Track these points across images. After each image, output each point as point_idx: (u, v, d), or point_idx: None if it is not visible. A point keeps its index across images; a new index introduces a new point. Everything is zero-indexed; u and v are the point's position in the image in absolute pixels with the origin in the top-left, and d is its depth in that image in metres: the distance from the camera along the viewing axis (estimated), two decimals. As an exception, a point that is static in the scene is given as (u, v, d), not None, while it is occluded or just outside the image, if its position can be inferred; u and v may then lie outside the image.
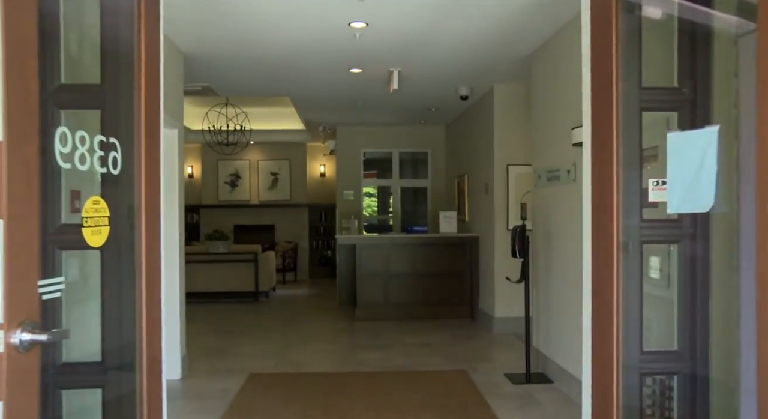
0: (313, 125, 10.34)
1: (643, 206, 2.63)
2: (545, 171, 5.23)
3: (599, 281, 2.51)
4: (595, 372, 2.56)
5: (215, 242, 9.62)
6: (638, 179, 2.56)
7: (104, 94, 2.37)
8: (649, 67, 2.70)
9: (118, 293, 2.40)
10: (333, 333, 7.21)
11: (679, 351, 2.57)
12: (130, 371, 2.44)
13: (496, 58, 5.70)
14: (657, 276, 3.36)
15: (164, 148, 5.10)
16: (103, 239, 2.07)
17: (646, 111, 2.57)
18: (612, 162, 2.44)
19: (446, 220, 8.19)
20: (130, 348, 2.45)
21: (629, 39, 2.52)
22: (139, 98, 2.29)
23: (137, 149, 2.31)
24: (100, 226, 2.06)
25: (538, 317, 5.47)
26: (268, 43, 5.15)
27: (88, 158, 1.99)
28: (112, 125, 2.32)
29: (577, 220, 4.53)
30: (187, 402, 4.55)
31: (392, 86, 6.21)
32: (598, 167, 2.55)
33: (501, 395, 4.65)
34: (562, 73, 4.81)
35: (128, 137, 2.33)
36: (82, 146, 1.96)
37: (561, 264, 4.93)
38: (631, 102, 2.50)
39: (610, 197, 2.45)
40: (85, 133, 1.97)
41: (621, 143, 2.43)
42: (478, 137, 7.84)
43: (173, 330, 5.09)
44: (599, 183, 2.51)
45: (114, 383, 2.47)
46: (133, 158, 2.31)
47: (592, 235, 2.62)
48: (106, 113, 2.33)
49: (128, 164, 2.30)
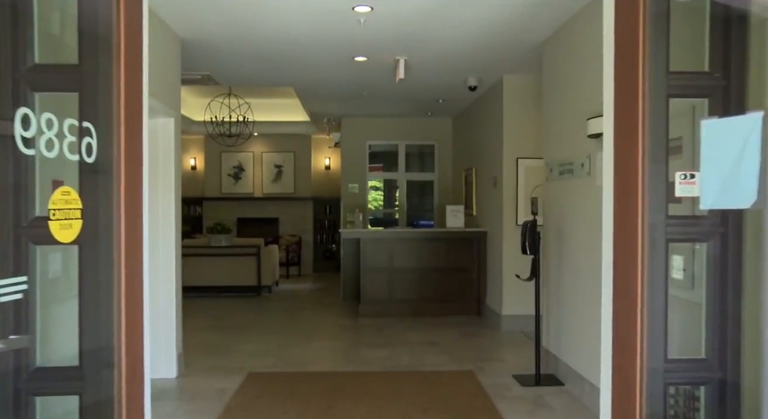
0: (317, 116, 10.13)
1: (668, 202, 2.41)
2: (557, 164, 5.00)
3: (622, 281, 2.30)
4: (617, 379, 2.35)
5: (217, 235, 9.46)
6: (664, 172, 2.35)
7: (82, 76, 2.16)
8: (676, 50, 2.48)
9: (95, 292, 2.21)
10: (335, 329, 7.02)
11: (707, 359, 2.35)
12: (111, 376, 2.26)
13: (506, 46, 5.47)
14: (680, 277, 3.14)
15: (161, 138, 4.91)
16: (74, 234, 1.88)
17: (674, 98, 2.35)
18: (637, 153, 2.22)
19: (453, 214, 7.97)
20: (110, 352, 2.26)
21: (656, 19, 2.30)
22: (118, 79, 2.09)
23: (116, 135, 2.11)
24: (71, 219, 1.87)
25: (548, 316, 5.25)
26: (269, 28, 4.94)
27: (57, 143, 1.79)
28: (90, 109, 2.12)
29: (592, 215, 4.31)
30: (181, 402, 4.37)
31: (398, 75, 5.99)
32: (621, 159, 2.34)
33: (510, 398, 4.45)
34: (576, 61, 4.58)
35: (108, 122, 2.13)
36: (49, 130, 1.76)
37: (573, 262, 4.71)
38: (657, 88, 2.28)
39: (635, 191, 2.23)
40: (53, 115, 1.77)
41: (647, 133, 2.21)
42: (486, 129, 7.61)
43: (169, 327, 4.91)
44: (623, 177, 2.29)
45: (92, 389, 2.27)
46: (112, 145, 2.11)
47: (614, 232, 2.40)
48: (84, 96, 2.13)
49: (106, 151, 2.10)
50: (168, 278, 4.90)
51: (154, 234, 4.86)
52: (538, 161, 6.56)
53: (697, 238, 2.44)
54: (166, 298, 4.90)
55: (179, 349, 5.06)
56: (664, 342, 2.31)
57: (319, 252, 12.79)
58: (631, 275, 2.28)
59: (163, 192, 4.87)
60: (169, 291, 4.91)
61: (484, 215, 7.72)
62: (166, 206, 4.89)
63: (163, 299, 4.89)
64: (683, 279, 3.19)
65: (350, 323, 7.34)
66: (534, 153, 6.67)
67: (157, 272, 4.87)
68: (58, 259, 2.54)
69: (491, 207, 7.33)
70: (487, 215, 7.60)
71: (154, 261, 4.86)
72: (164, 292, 4.89)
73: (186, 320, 5.36)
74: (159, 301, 4.88)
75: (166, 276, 4.90)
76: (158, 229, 4.87)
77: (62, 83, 2.17)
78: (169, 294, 4.91)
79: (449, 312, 7.62)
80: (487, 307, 7.46)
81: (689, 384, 2.44)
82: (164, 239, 4.88)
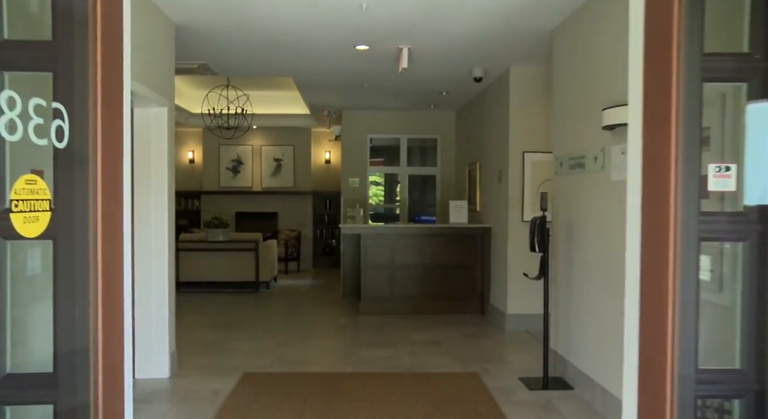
0: (317, 108, 9.91)
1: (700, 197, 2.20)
2: (568, 158, 4.79)
3: (651, 283, 2.09)
4: (643, 391, 2.15)
5: (214, 229, 9.25)
6: (698, 164, 2.14)
7: (57, 53, 1.95)
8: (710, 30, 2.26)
9: (70, 292, 2.00)
10: (335, 327, 6.81)
11: (742, 369, 2.14)
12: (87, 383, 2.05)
13: (514, 33, 5.24)
14: (707, 278, 2.93)
15: (153, 128, 4.69)
16: (40, 228, 1.67)
17: (708, 82, 2.14)
18: (670, 144, 2.01)
19: (456, 210, 7.76)
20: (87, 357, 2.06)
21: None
22: (94, 54, 1.88)
23: (92, 118, 1.90)
24: (37, 211, 1.66)
25: (556, 316, 5.05)
26: (267, 13, 4.72)
27: (20, 125, 1.58)
28: (65, 89, 1.91)
29: (604, 212, 4.09)
30: (172, 404, 4.17)
31: (402, 65, 5.76)
32: (651, 151, 2.12)
33: (517, 402, 4.25)
34: (591, 47, 4.36)
35: (83, 105, 1.92)
36: (11, 110, 1.55)
37: (583, 260, 4.50)
38: (691, 71, 2.07)
39: (667, 185, 2.01)
40: (14, 93, 1.56)
41: (681, 121, 2.00)
42: (491, 122, 7.39)
43: (161, 325, 4.70)
44: (652, 170, 2.08)
45: (67, 397, 2.07)
46: (87, 130, 1.90)
47: (642, 230, 2.19)
48: (59, 75, 1.92)
49: (81, 137, 1.89)
50: (160, 274, 4.69)
51: (146, 228, 4.65)
52: (545, 155, 6.35)
53: (731, 237, 2.22)
54: (159, 295, 4.69)
55: (172, 348, 4.85)
56: (695, 350, 2.11)
57: (318, 248, 12.59)
58: (662, 277, 2.07)
59: (155, 185, 4.66)
60: (161, 288, 4.70)
61: (489, 210, 7.51)
62: (158, 199, 4.68)
63: (155, 295, 4.68)
64: (710, 281, 2.99)
65: (350, 321, 7.13)
66: (541, 147, 6.46)
67: (149, 268, 4.66)
68: (37, 255, 2.34)
69: (496, 203, 7.12)
70: (491, 211, 7.39)
71: (146, 256, 4.66)
72: (156, 288, 4.69)
73: (181, 317, 5.16)
74: (151, 298, 4.67)
75: (159, 272, 4.69)
76: (150, 223, 4.66)
77: (33, 61, 1.95)
78: (162, 291, 4.70)
79: (452, 310, 7.42)
80: (491, 305, 7.25)
81: (722, 397, 2.24)
82: (156, 233, 4.67)
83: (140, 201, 4.62)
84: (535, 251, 4.68)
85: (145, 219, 4.64)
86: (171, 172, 4.78)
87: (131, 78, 3.27)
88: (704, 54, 2.11)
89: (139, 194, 4.61)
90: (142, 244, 4.64)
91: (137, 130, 4.61)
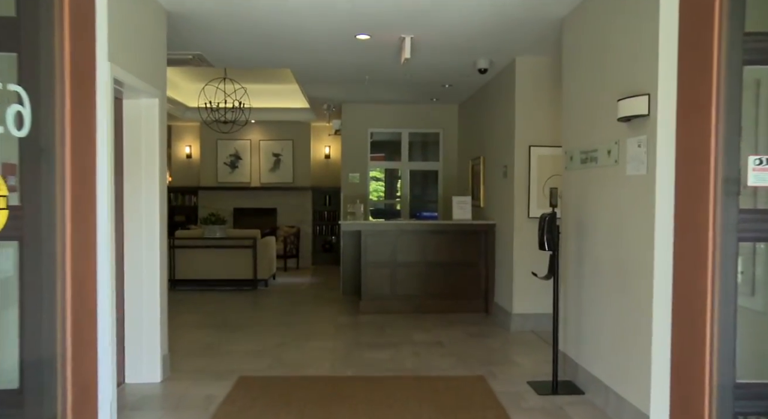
0: (317, 102, 9.68)
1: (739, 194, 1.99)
2: (579, 151, 4.57)
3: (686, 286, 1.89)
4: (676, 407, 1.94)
5: (212, 226, 9.04)
6: (737, 157, 1.93)
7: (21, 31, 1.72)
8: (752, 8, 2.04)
9: (37, 299, 1.79)
10: (334, 328, 6.60)
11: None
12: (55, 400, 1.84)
13: (522, 21, 5.01)
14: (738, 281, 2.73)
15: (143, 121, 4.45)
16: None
17: (750, 65, 1.92)
18: (710, 133, 1.80)
19: (460, 206, 7.54)
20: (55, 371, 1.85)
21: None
22: (61, 32, 1.66)
23: (59, 104, 1.68)
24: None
25: (565, 317, 4.84)
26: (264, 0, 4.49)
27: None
28: (29, 71, 1.69)
29: (618, 208, 3.88)
30: (164, 412, 3.96)
31: (404, 55, 5.54)
32: (686, 142, 1.91)
33: (526, 408, 4.04)
34: (606, 35, 4.13)
35: (49, 90, 1.71)
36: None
37: (595, 259, 4.29)
38: (731, 53, 1.85)
39: (706, 180, 1.80)
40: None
41: (722, 109, 1.79)
42: (496, 115, 7.16)
43: (152, 326, 4.49)
44: (688, 163, 1.88)
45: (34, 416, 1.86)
46: (54, 118, 1.68)
47: (675, 229, 1.98)
48: (24, 56, 1.70)
49: (48, 126, 1.68)
50: (152, 274, 4.48)
51: (137, 225, 4.44)
52: (552, 149, 6.14)
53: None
54: (150, 295, 4.48)
55: (164, 350, 4.64)
56: (733, 361, 1.91)
57: (318, 244, 12.39)
58: (699, 280, 1.86)
59: (146, 180, 4.44)
60: (153, 287, 4.48)
61: (493, 206, 7.29)
62: (149, 194, 4.46)
63: (146, 296, 4.47)
64: (741, 284, 2.78)
65: (350, 320, 6.93)
66: (548, 141, 6.24)
67: (139, 267, 4.45)
68: (9, 256, 2.13)
69: (501, 198, 6.90)
70: (496, 207, 7.17)
71: (137, 255, 4.44)
72: (147, 288, 4.47)
73: (175, 317, 4.95)
74: (142, 298, 4.46)
75: (150, 271, 4.47)
76: (141, 220, 4.44)
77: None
78: (153, 291, 4.48)
79: (455, 310, 7.21)
80: (495, 305, 7.05)
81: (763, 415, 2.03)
82: (147, 230, 4.45)
83: (130, 196, 4.40)
84: (544, 250, 4.46)
85: (135, 215, 4.43)
86: (163, 165, 4.56)
87: (120, 67, 3.05)
88: (745, 33, 1.89)
89: (129, 189, 4.39)
90: (132, 240, 4.42)
91: (127, 122, 4.38)
